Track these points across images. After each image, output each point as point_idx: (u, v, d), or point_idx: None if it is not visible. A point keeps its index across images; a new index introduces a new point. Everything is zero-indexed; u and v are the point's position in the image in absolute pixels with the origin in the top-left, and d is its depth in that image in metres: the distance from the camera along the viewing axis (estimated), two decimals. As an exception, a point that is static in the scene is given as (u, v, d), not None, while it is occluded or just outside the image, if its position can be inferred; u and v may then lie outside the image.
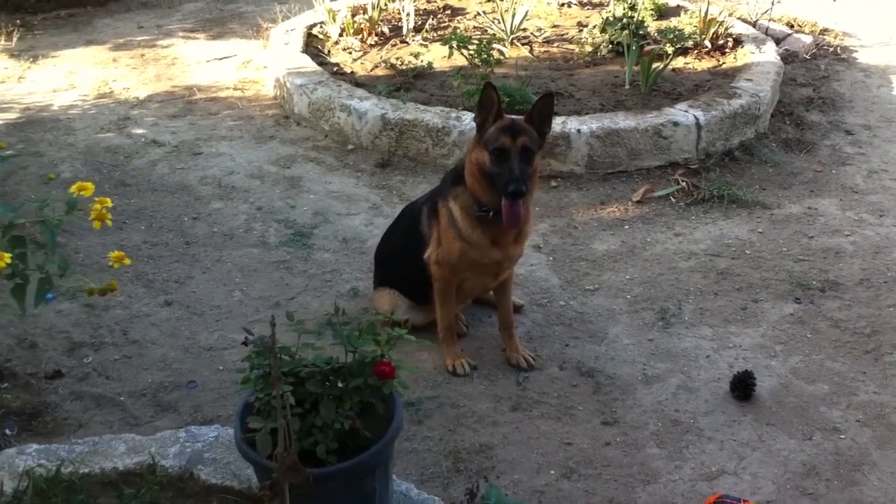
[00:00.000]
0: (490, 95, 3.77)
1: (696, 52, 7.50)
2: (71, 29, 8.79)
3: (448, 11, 8.48)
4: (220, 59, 8.02)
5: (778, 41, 8.27)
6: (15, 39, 8.30)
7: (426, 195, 4.36)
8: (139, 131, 6.57)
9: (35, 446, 3.23)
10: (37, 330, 4.34)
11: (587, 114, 6.26)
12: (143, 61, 7.95)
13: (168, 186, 5.81)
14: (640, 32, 7.33)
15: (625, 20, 7.30)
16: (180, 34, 8.70)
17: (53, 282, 2.55)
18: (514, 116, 3.89)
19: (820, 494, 3.52)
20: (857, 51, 8.64)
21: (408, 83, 6.82)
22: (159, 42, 8.44)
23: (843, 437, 3.83)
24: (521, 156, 3.71)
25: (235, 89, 7.36)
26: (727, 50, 7.59)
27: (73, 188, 2.58)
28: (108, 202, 2.60)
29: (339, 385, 2.78)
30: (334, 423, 2.69)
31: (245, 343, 2.81)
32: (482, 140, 3.79)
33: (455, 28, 7.86)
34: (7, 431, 3.62)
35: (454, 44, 6.58)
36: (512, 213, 3.73)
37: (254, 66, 7.81)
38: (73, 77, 7.54)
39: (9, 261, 2.38)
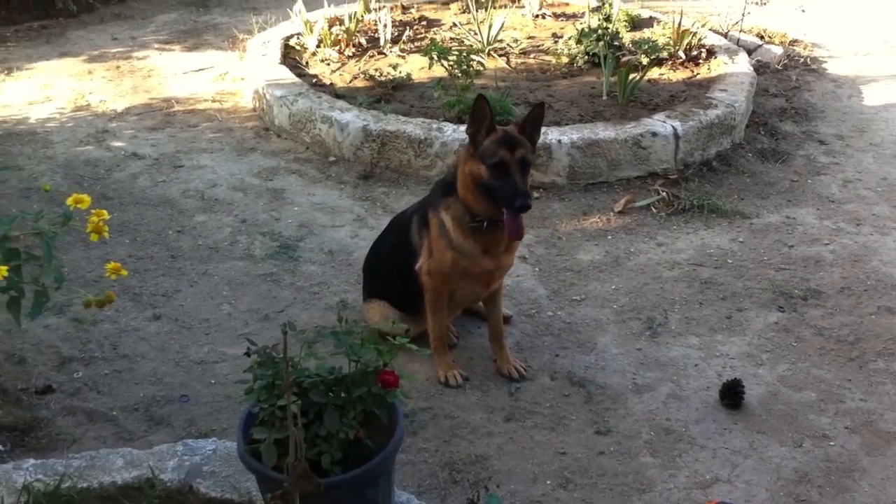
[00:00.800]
0: (483, 107, 3.78)
1: (670, 63, 7.57)
2: (44, 41, 8.69)
3: (424, 23, 8.51)
4: (197, 70, 7.97)
5: (749, 52, 8.37)
6: (-12, 52, 8.22)
7: (415, 206, 4.36)
8: (118, 144, 6.52)
9: (32, 461, 3.20)
10: (25, 345, 4.30)
11: (567, 124, 6.30)
12: (119, 73, 7.89)
13: (150, 199, 5.77)
14: (616, 44, 7.39)
15: (600, 31, 7.36)
16: (155, 46, 8.63)
17: (49, 295, 2.52)
18: (504, 127, 3.91)
19: (813, 501, 3.56)
20: (826, 61, 8.76)
21: (387, 94, 6.83)
22: (134, 54, 8.37)
23: (832, 444, 3.88)
24: (520, 168, 3.74)
25: (214, 101, 7.32)
26: (701, 61, 7.66)
27: (70, 200, 2.54)
28: (105, 214, 2.57)
29: (343, 395, 2.78)
30: (339, 433, 2.69)
31: (248, 354, 2.81)
32: (478, 153, 3.79)
33: (432, 39, 7.86)
34: (0, 447, 3.58)
35: (434, 55, 6.59)
36: (515, 224, 3.77)
37: (231, 77, 7.77)
38: (48, 90, 7.46)
39: (5, 273, 2.35)
